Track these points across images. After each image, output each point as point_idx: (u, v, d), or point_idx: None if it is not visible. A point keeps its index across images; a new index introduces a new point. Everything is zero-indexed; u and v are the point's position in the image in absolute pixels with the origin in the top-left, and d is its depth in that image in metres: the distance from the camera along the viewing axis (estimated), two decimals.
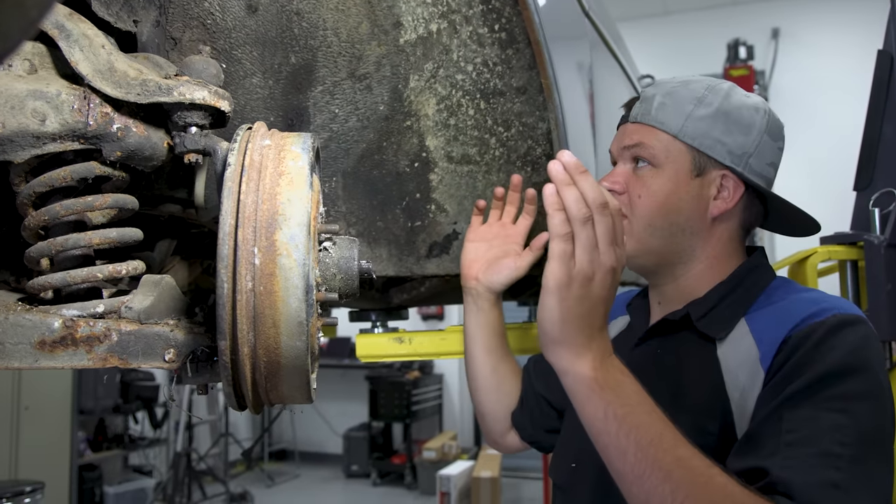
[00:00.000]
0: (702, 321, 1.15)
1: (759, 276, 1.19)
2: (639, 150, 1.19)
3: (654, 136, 1.18)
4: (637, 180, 1.19)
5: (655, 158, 1.17)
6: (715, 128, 1.16)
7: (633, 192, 1.18)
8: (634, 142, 1.19)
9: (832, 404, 0.94)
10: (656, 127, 1.18)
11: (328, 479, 7.77)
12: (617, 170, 1.23)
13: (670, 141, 1.17)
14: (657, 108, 1.18)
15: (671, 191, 1.16)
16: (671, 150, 1.17)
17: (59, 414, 5.11)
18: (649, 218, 1.17)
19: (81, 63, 0.92)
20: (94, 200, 0.96)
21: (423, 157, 1.46)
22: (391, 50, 1.38)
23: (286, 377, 0.85)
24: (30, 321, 0.90)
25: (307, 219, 0.82)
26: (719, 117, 1.16)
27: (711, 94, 1.18)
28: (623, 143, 1.22)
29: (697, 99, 1.17)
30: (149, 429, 6.71)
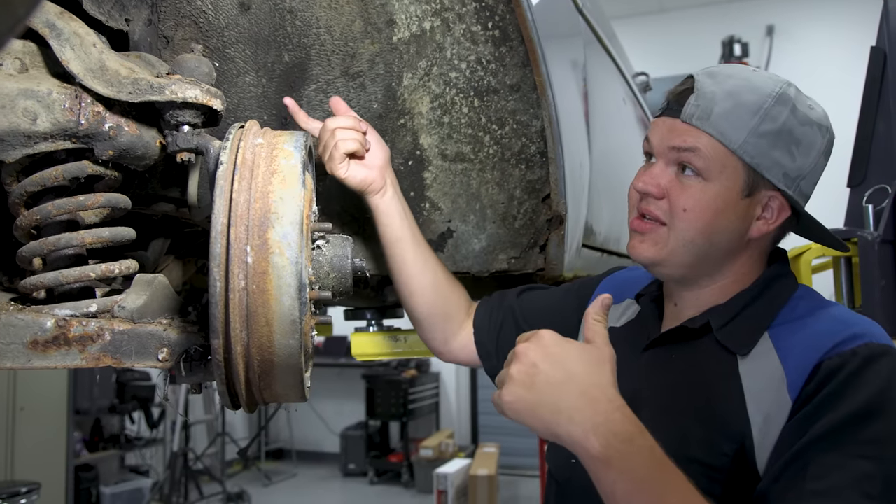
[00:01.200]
0: (723, 331, 1.08)
1: (782, 287, 1.12)
2: (692, 156, 1.06)
3: (710, 144, 1.05)
4: (682, 189, 1.07)
5: (709, 171, 1.06)
6: (776, 147, 1.06)
7: (677, 202, 1.08)
8: (689, 145, 1.06)
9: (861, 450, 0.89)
10: (714, 136, 1.05)
11: (325, 478, 7.76)
12: (656, 170, 1.10)
13: (727, 155, 1.05)
14: (718, 116, 1.05)
15: (720, 210, 1.06)
16: (727, 164, 1.06)
17: (55, 414, 5.09)
18: (691, 235, 1.08)
19: (73, 62, 0.92)
20: (86, 200, 0.96)
21: (418, 155, 1.46)
22: (385, 48, 1.38)
23: (280, 376, 0.85)
24: (22, 321, 0.90)
25: (300, 217, 0.82)
26: (783, 135, 1.06)
27: (778, 106, 1.06)
28: (672, 141, 1.08)
29: (764, 110, 1.05)
30: (145, 429, 6.69)
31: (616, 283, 1.41)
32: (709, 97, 1.06)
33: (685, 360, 1.11)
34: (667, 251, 1.09)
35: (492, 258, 1.55)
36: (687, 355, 1.12)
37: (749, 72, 1.12)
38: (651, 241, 1.11)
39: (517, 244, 1.55)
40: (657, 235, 1.10)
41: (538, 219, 1.54)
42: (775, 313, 1.08)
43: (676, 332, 1.14)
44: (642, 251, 1.11)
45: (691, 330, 1.12)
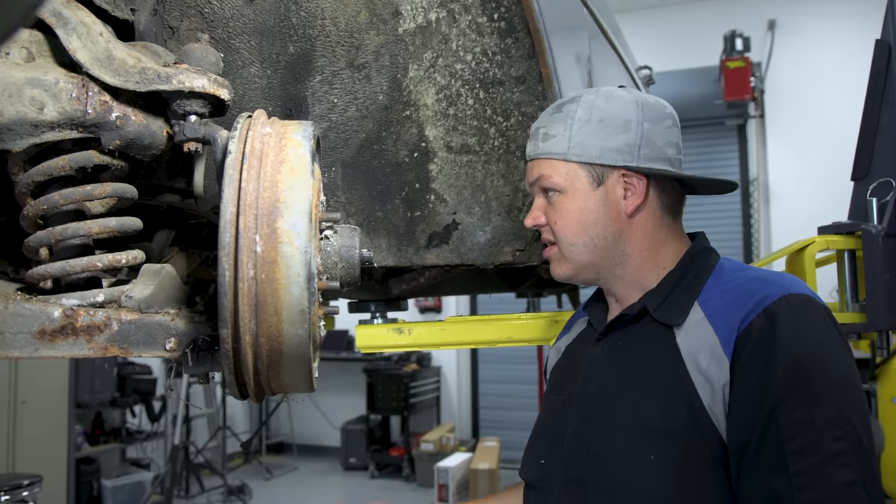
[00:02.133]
0: (658, 311, 1.19)
1: (704, 260, 1.24)
2: (543, 182, 1.25)
3: (549, 166, 1.24)
4: (551, 209, 1.26)
5: (559, 185, 1.24)
6: (596, 137, 1.22)
7: (552, 219, 1.25)
8: (536, 177, 1.26)
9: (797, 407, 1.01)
10: (547, 158, 1.24)
11: (326, 472, 7.77)
12: (535, 205, 1.29)
13: (563, 165, 1.23)
14: (542, 141, 1.25)
15: (581, 208, 1.23)
16: (568, 172, 1.23)
17: (57, 407, 5.10)
18: (570, 237, 1.24)
19: (79, 51, 0.92)
20: (92, 189, 0.96)
21: (423, 146, 1.45)
22: (390, 39, 1.37)
23: (288, 365, 0.85)
24: (29, 310, 0.90)
25: (309, 206, 0.82)
26: (594, 127, 1.22)
27: (581, 109, 1.23)
28: (530, 179, 1.29)
29: (571, 118, 1.23)
30: (146, 422, 6.69)
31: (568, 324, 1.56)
32: (536, 133, 1.28)
33: (630, 343, 1.23)
34: (567, 262, 1.26)
35: (497, 250, 1.55)
36: (631, 339, 1.23)
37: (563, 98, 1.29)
38: (555, 260, 1.28)
39: (522, 236, 1.55)
40: (556, 254, 1.27)
41: None
42: (701, 285, 1.20)
43: (618, 321, 1.25)
44: (556, 270, 1.29)
45: (631, 316, 1.23)
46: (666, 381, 1.11)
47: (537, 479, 1.27)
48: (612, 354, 1.24)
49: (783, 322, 1.05)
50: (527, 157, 1.30)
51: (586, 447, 1.17)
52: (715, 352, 1.08)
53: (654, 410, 1.10)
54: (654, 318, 1.19)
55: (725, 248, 7.13)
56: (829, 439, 0.98)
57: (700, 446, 1.06)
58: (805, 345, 1.04)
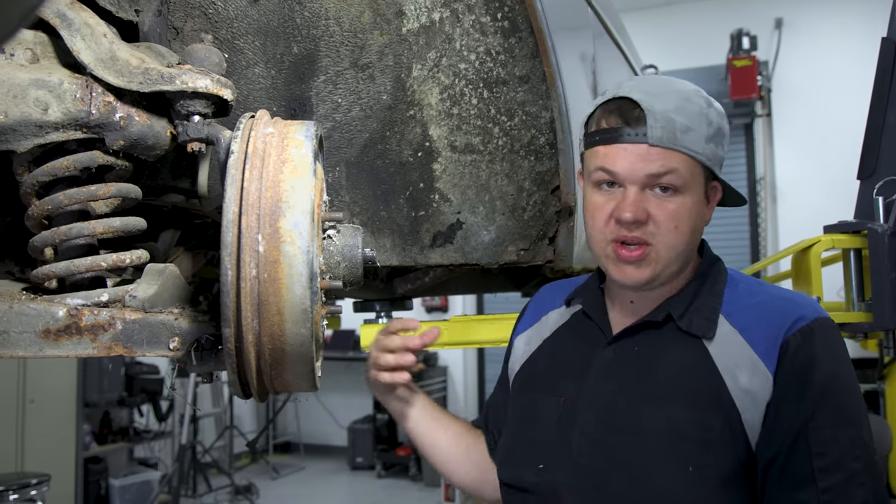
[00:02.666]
0: (683, 320, 1.17)
1: (717, 272, 1.23)
2: (671, 178, 1.11)
3: (684, 163, 1.11)
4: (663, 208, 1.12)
5: (685, 186, 1.12)
6: (718, 145, 1.16)
7: (666, 222, 1.12)
8: (666, 169, 1.10)
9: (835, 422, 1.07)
10: (686, 153, 1.11)
11: (333, 472, 7.78)
12: (633, 197, 1.12)
13: (693, 165, 1.13)
14: (682, 132, 1.10)
15: (697, 214, 1.15)
16: (695, 174, 1.13)
17: (65, 407, 5.12)
18: (681, 247, 1.14)
19: (83, 52, 0.92)
20: (97, 190, 0.96)
21: (427, 146, 1.45)
22: (394, 39, 1.37)
23: (291, 365, 0.85)
24: (34, 310, 0.90)
25: (311, 206, 0.82)
26: (719, 134, 1.16)
27: (709, 111, 1.15)
28: (648, 169, 1.11)
29: (706, 117, 1.14)
30: (153, 421, 6.71)
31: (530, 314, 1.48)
32: (665, 116, 1.11)
33: (651, 350, 1.19)
34: (659, 268, 1.15)
35: (501, 250, 1.55)
36: (652, 346, 1.19)
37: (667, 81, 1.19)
38: (645, 264, 1.14)
39: (526, 236, 1.55)
40: (650, 257, 1.14)
41: (547, 210, 1.54)
42: (720, 296, 1.19)
43: (640, 327, 1.21)
44: (638, 276, 1.15)
45: (654, 322, 1.19)
46: (702, 391, 1.10)
47: (534, 484, 1.21)
48: (629, 360, 1.19)
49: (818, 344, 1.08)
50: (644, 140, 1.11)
51: (607, 454, 1.13)
52: (757, 368, 1.09)
53: (690, 420, 1.09)
54: (679, 327, 1.17)
55: (733, 248, 7.11)
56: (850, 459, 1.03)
57: (731, 458, 1.07)
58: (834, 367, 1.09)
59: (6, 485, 3.94)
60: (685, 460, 1.07)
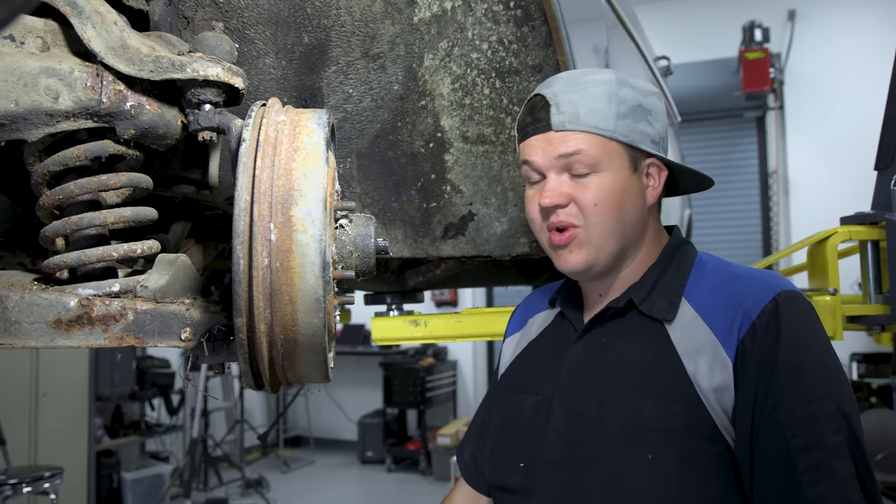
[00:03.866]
0: (645, 304, 1.17)
1: (685, 253, 1.23)
2: (579, 157, 1.14)
3: (590, 141, 1.14)
4: (583, 188, 1.15)
5: (599, 163, 1.15)
6: (638, 121, 1.17)
7: (585, 200, 1.15)
8: (572, 150, 1.14)
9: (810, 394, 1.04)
10: (591, 132, 1.15)
11: (343, 466, 7.80)
12: (551, 184, 1.16)
13: (606, 143, 1.15)
14: (586, 114, 1.15)
15: (621, 190, 1.16)
16: (610, 151, 1.15)
17: (77, 400, 5.15)
18: (609, 223, 1.16)
19: (94, 40, 0.91)
20: (108, 179, 0.96)
21: (438, 137, 1.44)
22: (405, 28, 1.36)
23: (303, 355, 0.84)
24: (46, 300, 0.90)
25: (323, 194, 0.81)
26: (637, 110, 1.17)
27: (622, 89, 1.17)
28: (556, 151, 1.15)
29: (615, 96, 1.16)
30: (165, 415, 6.74)
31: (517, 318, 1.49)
32: (567, 102, 1.15)
33: (617, 340, 1.19)
34: (594, 249, 1.17)
35: (513, 242, 1.54)
36: (617, 335, 1.20)
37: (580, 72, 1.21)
38: (577, 246, 1.17)
39: None
40: (579, 239, 1.16)
41: None
42: (685, 278, 1.19)
43: (602, 315, 1.22)
44: (575, 260, 1.17)
45: (616, 309, 1.20)
46: (664, 379, 1.10)
47: (518, 484, 1.22)
48: (597, 352, 1.20)
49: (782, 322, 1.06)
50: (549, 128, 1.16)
51: (574, 448, 1.14)
52: (716, 353, 1.08)
53: (652, 409, 1.09)
54: (641, 311, 1.17)
55: (745, 242, 7.08)
56: (829, 433, 1.00)
57: (701, 445, 1.06)
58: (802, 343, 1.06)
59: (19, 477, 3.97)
60: (647, 449, 1.07)
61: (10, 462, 4.19)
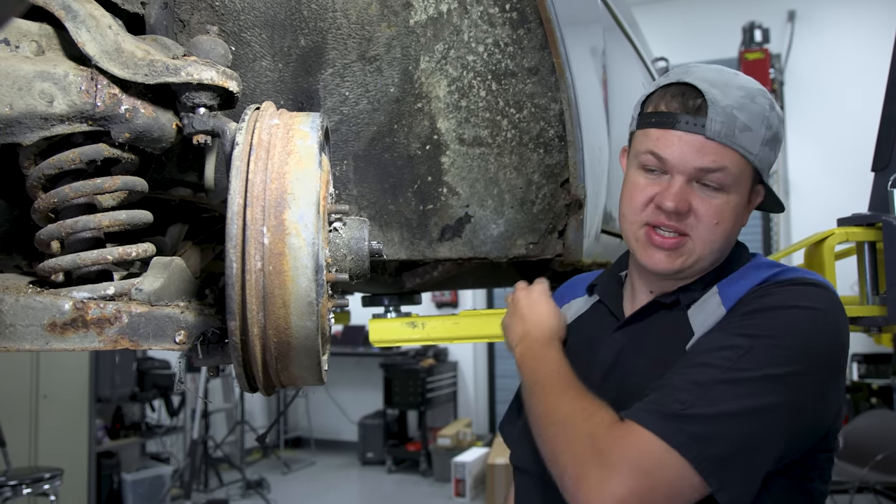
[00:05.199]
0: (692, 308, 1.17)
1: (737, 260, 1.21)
2: (721, 175, 1.09)
3: (736, 161, 1.09)
4: (707, 203, 1.11)
5: (734, 186, 1.11)
6: (773, 150, 1.14)
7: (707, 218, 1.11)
8: (718, 166, 1.09)
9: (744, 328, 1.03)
10: (739, 152, 1.09)
11: (344, 467, 7.80)
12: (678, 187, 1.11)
13: (746, 166, 1.11)
14: (741, 130, 1.08)
15: (739, 216, 1.14)
16: (745, 174, 1.12)
17: (77, 402, 5.16)
18: (719, 244, 1.14)
19: (88, 44, 0.92)
20: (103, 182, 0.96)
21: (435, 139, 1.44)
22: (401, 31, 1.36)
23: (297, 358, 0.84)
24: (40, 303, 0.90)
25: (316, 198, 0.81)
26: (775, 138, 1.13)
27: (772, 114, 1.12)
28: (700, 163, 1.09)
29: (766, 120, 1.11)
30: (165, 417, 6.74)
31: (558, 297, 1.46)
32: (727, 112, 1.08)
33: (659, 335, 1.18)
34: (692, 260, 1.14)
35: (510, 243, 1.54)
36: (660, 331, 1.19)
37: (734, 75, 1.15)
38: (678, 254, 1.14)
39: (535, 229, 1.53)
40: (684, 248, 1.13)
41: (556, 204, 1.53)
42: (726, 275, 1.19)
43: (647, 310, 1.21)
44: (671, 264, 1.14)
45: (662, 305, 1.20)
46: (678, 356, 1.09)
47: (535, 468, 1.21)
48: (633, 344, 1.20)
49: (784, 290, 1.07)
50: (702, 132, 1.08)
51: None
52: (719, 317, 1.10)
53: None
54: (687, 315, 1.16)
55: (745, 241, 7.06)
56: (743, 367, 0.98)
57: None
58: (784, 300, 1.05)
59: (20, 479, 3.97)
60: None
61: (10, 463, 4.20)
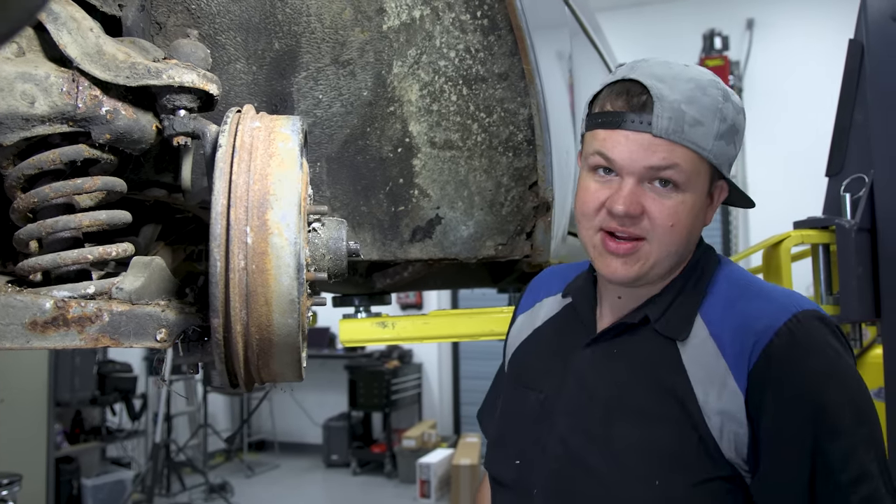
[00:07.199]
0: (660, 322, 1.11)
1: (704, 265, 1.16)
2: (672, 173, 1.04)
3: (687, 157, 1.04)
4: (660, 204, 1.05)
5: (687, 184, 1.05)
6: (729, 143, 1.08)
7: (662, 219, 1.05)
8: (668, 163, 1.04)
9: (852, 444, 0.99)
10: (690, 148, 1.04)
11: (308, 469, 7.77)
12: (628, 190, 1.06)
13: (700, 162, 1.05)
14: (691, 126, 1.03)
15: (696, 214, 1.09)
16: (700, 171, 1.06)
17: (36, 406, 5.06)
18: (675, 247, 1.08)
19: (70, 46, 0.93)
20: (83, 183, 0.97)
21: (407, 142, 1.47)
22: (375, 36, 1.39)
23: (278, 354, 0.87)
24: (21, 302, 0.91)
25: (298, 198, 0.84)
26: (731, 130, 1.08)
27: (725, 105, 1.07)
28: (650, 161, 1.04)
29: (719, 111, 1.06)
30: (126, 420, 6.66)
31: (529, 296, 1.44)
32: (675, 107, 1.03)
33: (629, 354, 1.13)
34: (648, 266, 1.09)
35: (479, 244, 1.57)
36: (629, 349, 1.14)
37: (683, 68, 1.10)
38: (633, 260, 1.08)
39: (504, 231, 1.57)
40: (639, 253, 1.08)
41: (525, 206, 1.57)
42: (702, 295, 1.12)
43: (616, 328, 1.16)
44: (627, 271, 1.09)
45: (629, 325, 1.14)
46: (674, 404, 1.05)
47: (512, 480, 1.21)
48: (606, 363, 1.15)
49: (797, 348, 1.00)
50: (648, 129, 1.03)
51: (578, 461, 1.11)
52: (726, 384, 1.03)
53: (662, 434, 1.05)
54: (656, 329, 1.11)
55: None
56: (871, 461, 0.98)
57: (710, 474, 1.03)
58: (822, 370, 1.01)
59: None
60: (653, 474, 1.03)
61: None
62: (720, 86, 1.08)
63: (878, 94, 1.99)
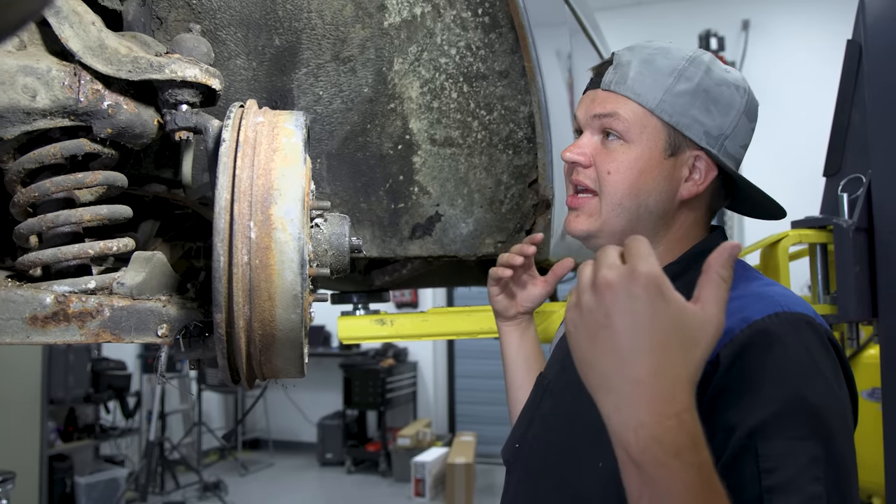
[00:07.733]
0: None
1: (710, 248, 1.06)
2: (611, 121, 1.08)
3: (628, 107, 1.08)
4: (606, 154, 1.09)
5: (629, 133, 1.08)
6: (694, 105, 1.08)
7: (602, 167, 1.09)
8: (607, 111, 1.09)
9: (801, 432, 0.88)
10: (631, 98, 1.08)
11: (302, 468, 7.76)
12: (583, 140, 1.12)
13: (646, 115, 1.07)
14: (634, 78, 1.08)
15: (643, 170, 1.08)
16: (646, 125, 1.08)
17: (29, 404, 5.04)
18: (619, 197, 1.09)
19: (72, 39, 0.92)
20: (84, 177, 0.97)
21: (407, 139, 1.47)
22: (375, 33, 1.39)
23: (280, 350, 0.86)
24: (21, 297, 0.90)
25: (301, 194, 0.83)
26: (699, 94, 1.08)
27: (692, 67, 1.08)
28: (594, 110, 1.11)
29: (678, 71, 1.08)
30: (120, 418, 6.64)
31: None
32: (625, 64, 1.10)
33: None
34: (601, 220, 1.11)
35: (479, 242, 1.57)
36: None
37: (667, 43, 1.14)
38: (585, 213, 1.12)
39: (504, 228, 1.57)
40: (590, 207, 1.11)
41: (525, 204, 1.57)
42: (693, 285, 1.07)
43: None
44: (578, 225, 1.13)
45: None
46: None
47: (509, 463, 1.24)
48: None
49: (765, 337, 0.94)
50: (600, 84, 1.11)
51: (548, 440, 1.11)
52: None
53: None
54: None
55: None
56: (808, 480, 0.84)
57: None
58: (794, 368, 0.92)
59: None
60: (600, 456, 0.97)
61: None
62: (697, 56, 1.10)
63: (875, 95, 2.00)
